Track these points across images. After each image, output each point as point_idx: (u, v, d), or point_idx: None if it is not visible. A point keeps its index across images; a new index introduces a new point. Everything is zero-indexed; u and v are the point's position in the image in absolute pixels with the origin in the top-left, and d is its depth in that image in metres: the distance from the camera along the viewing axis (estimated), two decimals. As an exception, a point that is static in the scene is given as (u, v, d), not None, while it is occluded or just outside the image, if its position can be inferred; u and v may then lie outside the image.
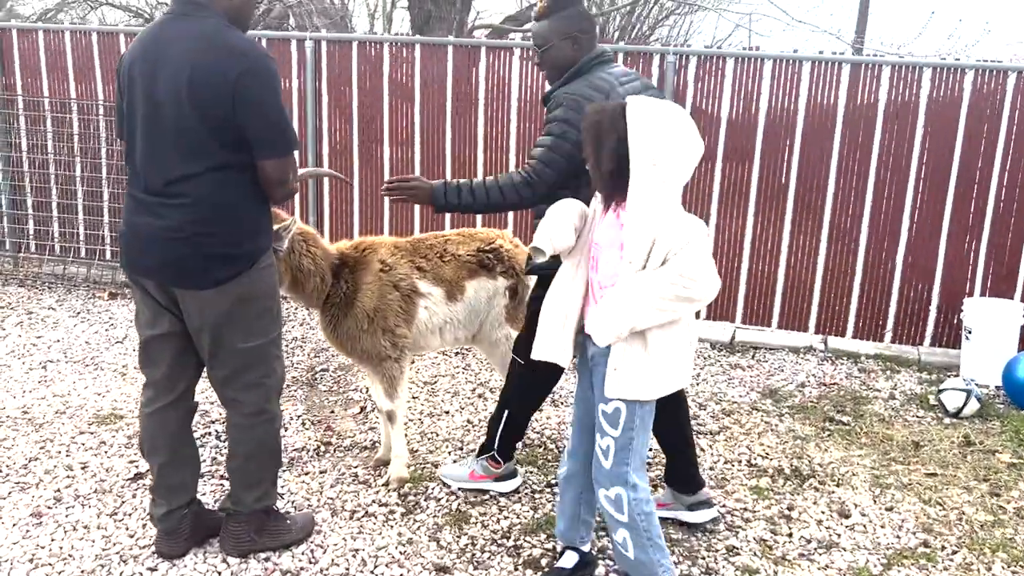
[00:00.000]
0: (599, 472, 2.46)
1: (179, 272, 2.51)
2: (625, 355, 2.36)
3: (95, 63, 6.14)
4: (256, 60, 2.43)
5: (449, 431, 3.88)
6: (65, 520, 2.97)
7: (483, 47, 5.69)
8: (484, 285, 3.42)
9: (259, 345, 2.64)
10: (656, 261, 2.31)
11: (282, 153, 2.49)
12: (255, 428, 2.72)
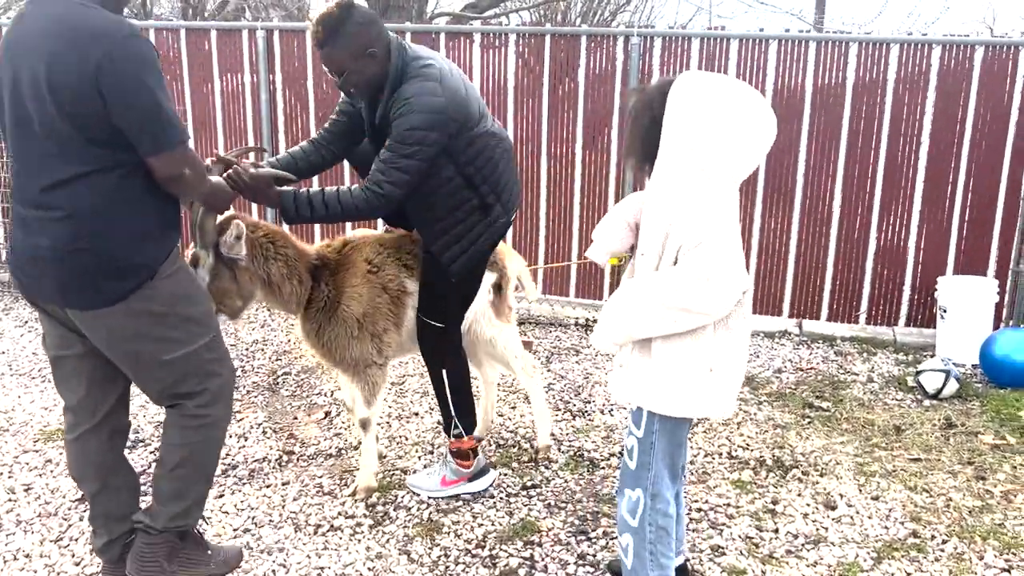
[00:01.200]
0: (624, 472, 2.30)
1: (67, 292, 2.21)
2: (631, 356, 2.20)
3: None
4: (122, 42, 2.06)
5: (419, 434, 3.72)
6: (4, 549, 2.76)
7: (442, 33, 5.51)
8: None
9: (186, 354, 2.36)
10: (669, 257, 2.07)
11: (167, 147, 2.15)
12: (189, 432, 2.43)
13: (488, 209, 2.89)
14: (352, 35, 2.61)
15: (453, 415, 3.12)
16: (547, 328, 5.31)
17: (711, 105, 2.02)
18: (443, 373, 3.08)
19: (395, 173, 2.63)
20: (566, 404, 4.07)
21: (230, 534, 2.89)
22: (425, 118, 2.60)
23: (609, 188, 5.41)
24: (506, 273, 3.33)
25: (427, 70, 2.67)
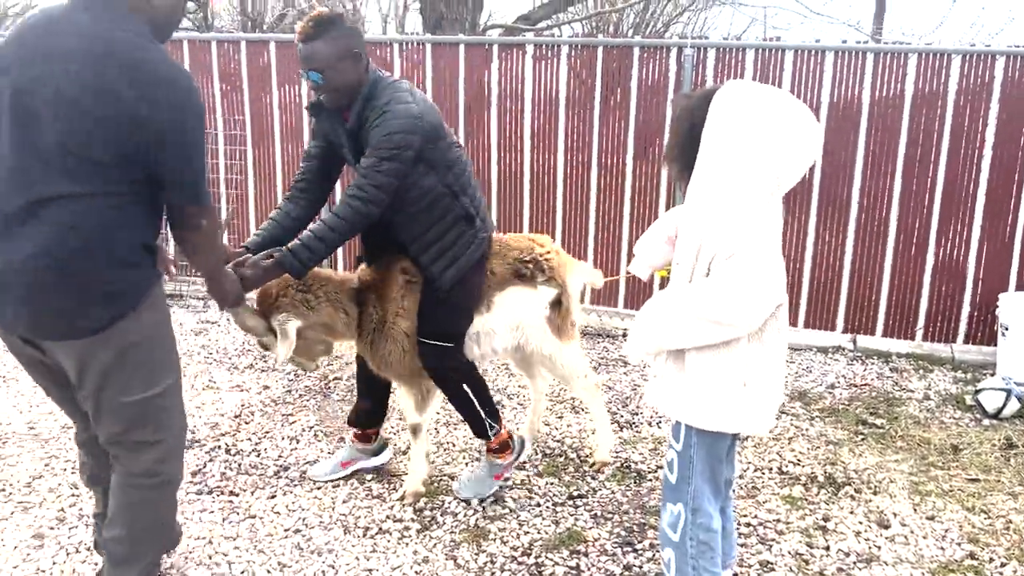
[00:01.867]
0: (665, 485, 2.28)
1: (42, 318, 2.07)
2: (665, 367, 2.20)
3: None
4: (185, 93, 2.02)
5: (466, 441, 3.75)
6: (67, 541, 2.86)
7: (495, 45, 5.56)
8: (519, 295, 3.18)
9: (146, 399, 2.21)
10: (702, 268, 2.06)
11: (200, 202, 2.13)
12: (139, 492, 2.30)
13: (471, 220, 2.93)
14: (340, 35, 2.66)
15: (485, 419, 3.12)
16: (594, 339, 5.30)
17: (752, 115, 2.00)
18: (465, 389, 3.07)
19: (378, 177, 2.66)
20: (613, 415, 4.06)
21: (281, 534, 2.95)
22: (402, 123, 2.66)
23: (660, 200, 5.39)
24: (566, 288, 3.26)
25: (397, 84, 2.78)
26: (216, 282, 2.49)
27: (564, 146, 5.47)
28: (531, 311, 3.20)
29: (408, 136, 2.66)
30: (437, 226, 2.88)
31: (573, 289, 3.31)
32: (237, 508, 3.11)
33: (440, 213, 2.87)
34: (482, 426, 3.14)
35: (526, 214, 5.61)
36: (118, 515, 2.33)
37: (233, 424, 3.86)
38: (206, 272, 2.42)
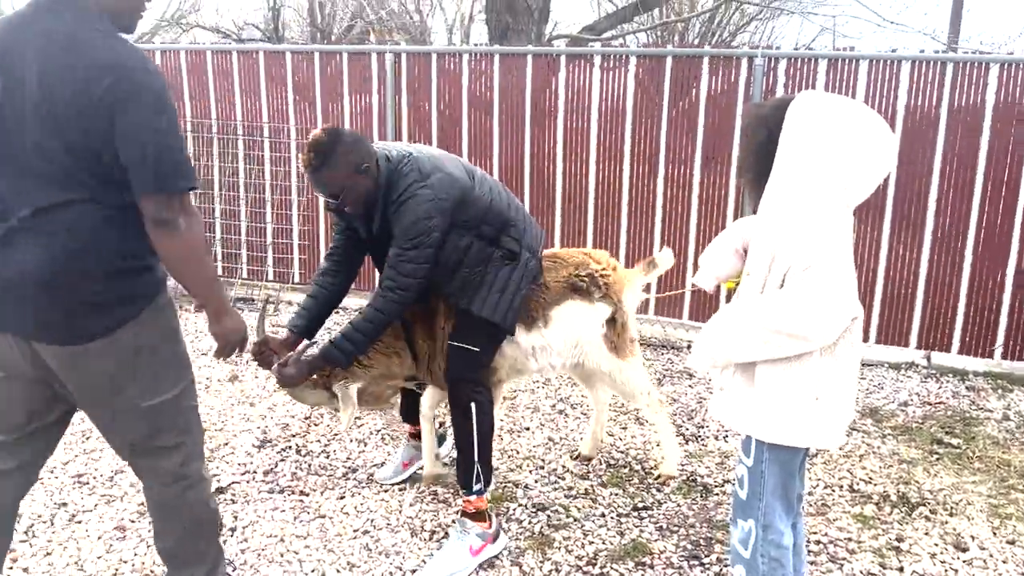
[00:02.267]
0: (736, 501, 2.25)
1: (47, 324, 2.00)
2: (732, 381, 2.18)
3: (183, 81, 6.29)
4: (132, 73, 1.91)
5: (530, 448, 3.76)
6: (147, 535, 2.96)
7: (563, 56, 5.59)
8: (576, 310, 3.19)
9: (168, 400, 2.16)
10: (775, 280, 2.03)
11: (157, 188, 1.95)
12: (179, 499, 2.26)
13: (515, 255, 2.94)
14: (344, 154, 2.69)
15: (476, 461, 2.91)
16: (659, 350, 5.27)
17: (829, 126, 1.97)
18: (472, 408, 2.91)
19: (407, 267, 2.73)
20: (678, 428, 4.03)
21: (350, 534, 3.01)
22: (421, 210, 2.70)
23: (727, 212, 5.33)
24: (622, 306, 3.26)
25: (406, 168, 2.77)
26: (216, 315, 2.19)
27: (630, 156, 5.46)
28: (589, 326, 3.21)
29: (428, 222, 2.71)
30: (484, 274, 2.90)
31: (629, 306, 3.29)
32: (308, 508, 3.18)
33: (481, 262, 2.90)
34: (469, 474, 2.92)
35: (591, 224, 5.61)
36: (165, 526, 2.30)
37: (303, 426, 3.95)
38: (199, 297, 2.15)
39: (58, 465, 3.45)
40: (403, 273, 2.74)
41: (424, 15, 15.29)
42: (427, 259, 2.74)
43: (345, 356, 2.82)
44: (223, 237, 6.36)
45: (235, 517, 3.09)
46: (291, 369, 2.87)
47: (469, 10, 16.43)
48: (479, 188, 2.90)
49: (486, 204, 2.90)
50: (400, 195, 2.73)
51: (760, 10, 13.62)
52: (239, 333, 2.24)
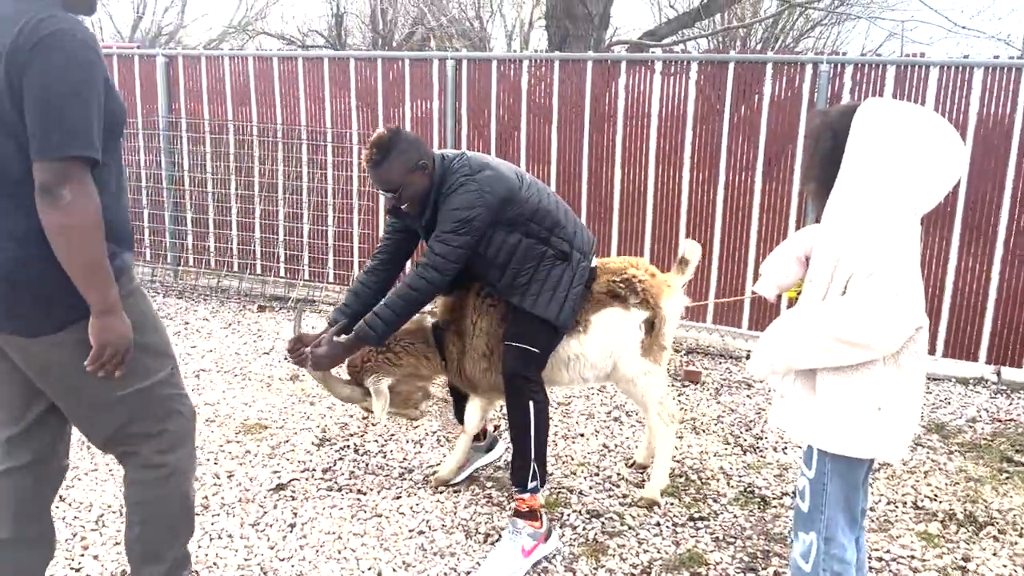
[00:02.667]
0: (797, 514, 2.20)
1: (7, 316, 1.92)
2: (793, 389, 2.15)
3: (251, 87, 6.46)
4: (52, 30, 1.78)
5: (584, 455, 3.76)
6: (211, 527, 3.05)
7: (623, 62, 5.58)
8: (614, 317, 3.20)
9: (143, 389, 2.06)
10: (838, 286, 2.00)
11: (39, 151, 1.77)
12: (150, 486, 2.16)
13: (566, 256, 3.00)
14: (403, 151, 2.84)
15: (532, 459, 2.93)
16: (717, 359, 5.21)
17: (897, 132, 1.94)
18: (531, 407, 2.94)
19: (443, 247, 2.83)
20: (736, 439, 3.98)
21: (406, 534, 3.04)
22: (463, 199, 2.82)
23: (789, 220, 5.25)
24: (660, 312, 3.24)
25: (457, 165, 2.90)
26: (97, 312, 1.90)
27: (691, 163, 5.42)
28: (625, 333, 3.21)
29: (469, 211, 2.81)
30: (535, 273, 2.97)
31: (669, 312, 3.27)
32: (365, 506, 3.23)
33: (533, 261, 2.97)
34: (524, 472, 2.95)
35: (648, 231, 5.58)
36: (132, 513, 2.20)
37: (361, 425, 4.01)
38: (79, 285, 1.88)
39: (127, 457, 3.56)
40: (438, 253, 2.83)
41: (484, 21, 15.41)
42: (463, 246, 2.83)
43: (377, 334, 2.88)
44: (286, 239, 6.50)
45: (295, 513, 3.16)
46: (323, 349, 2.92)
47: (529, 17, 16.50)
48: (527, 190, 2.98)
49: (534, 204, 2.97)
50: (449, 186, 2.86)
51: (825, 15, 13.37)
52: (124, 339, 1.95)
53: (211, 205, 6.65)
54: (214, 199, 6.64)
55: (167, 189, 6.71)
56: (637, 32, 12.39)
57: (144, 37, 19.16)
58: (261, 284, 6.55)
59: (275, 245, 6.54)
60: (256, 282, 6.57)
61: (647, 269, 3.33)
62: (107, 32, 19.72)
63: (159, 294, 6.43)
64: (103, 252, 1.87)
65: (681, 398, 4.52)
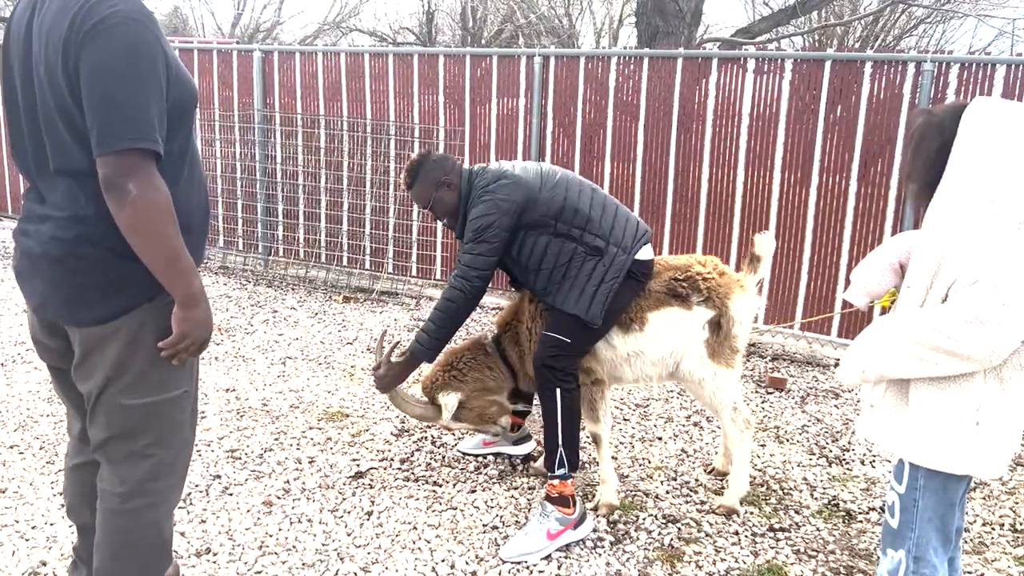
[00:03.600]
0: (886, 530, 2.12)
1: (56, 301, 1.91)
2: (884, 399, 2.06)
3: (342, 83, 6.60)
4: (106, 13, 1.71)
5: (662, 459, 3.70)
6: (292, 511, 3.13)
7: (715, 59, 5.46)
8: (673, 316, 3.15)
9: (149, 404, 1.96)
10: (938, 294, 1.91)
11: (100, 145, 1.71)
12: (124, 517, 2.01)
13: (600, 251, 3.02)
14: (428, 171, 3.14)
15: (560, 445, 3.00)
16: (804, 367, 5.05)
17: (1009, 133, 1.83)
18: (556, 393, 3.01)
19: (466, 257, 3.02)
20: (821, 449, 3.85)
21: (480, 528, 3.06)
22: (482, 208, 2.99)
23: (885, 225, 5.04)
24: (727, 312, 3.15)
25: (479, 180, 3.09)
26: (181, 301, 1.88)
27: (783, 163, 5.27)
28: (685, 333, 3.15)
29: (488, 218, 2.97)
30: (564, 270, 3.02)
31: (737, 313, 3.17)
32: (440, 498, 3.26)
33: (563, 259, 3.03)
34: (553, 457, 3.03)
35: (735, 234, 5.45)
36: (102, 542, 2.06)
37: (438, 418, 4.05)
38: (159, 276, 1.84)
39: (214, 440, 3.69)
40: (466, 264, 3.01)
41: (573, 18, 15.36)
42: (488, 253, 2.99)
43: (426, 348, 3.06)
44: (371, 232, 6.62)
45: (372, 502, 3.21)
46: (382, 371, 3.16)
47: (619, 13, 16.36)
48: (550, 190, 3.05)
49: (559, 204, 3.03)
50: (472, 200, 3.07)
51: (930, 13, 12.80)
52: (205, 328, 1.94)
53: (301, 198, 6.83)
54: (304, 192, 6.82)
55: (260, 181, 6.92)
56: (730, 30, 12.13)
57: (243, 33, 19.84)
58: (347, 276, 6.69)
59: (361, 238, 6.67)
60: (342, 273, 6.72)
61: (715, 267, 3.24)
62: (208, 28, 20.50)
63: (249, 282, 6.64)
64: (179, 243, 1.82)
65: (765, 406, 4.40)
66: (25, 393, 4.12)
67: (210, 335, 1.98)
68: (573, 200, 3.04)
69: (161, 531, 2.09)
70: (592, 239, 3.03)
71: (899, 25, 14.86)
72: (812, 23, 13.39)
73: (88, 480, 2.17)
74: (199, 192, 2.03)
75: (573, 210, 3.03)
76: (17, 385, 4.22)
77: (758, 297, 3.31)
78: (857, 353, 2.05)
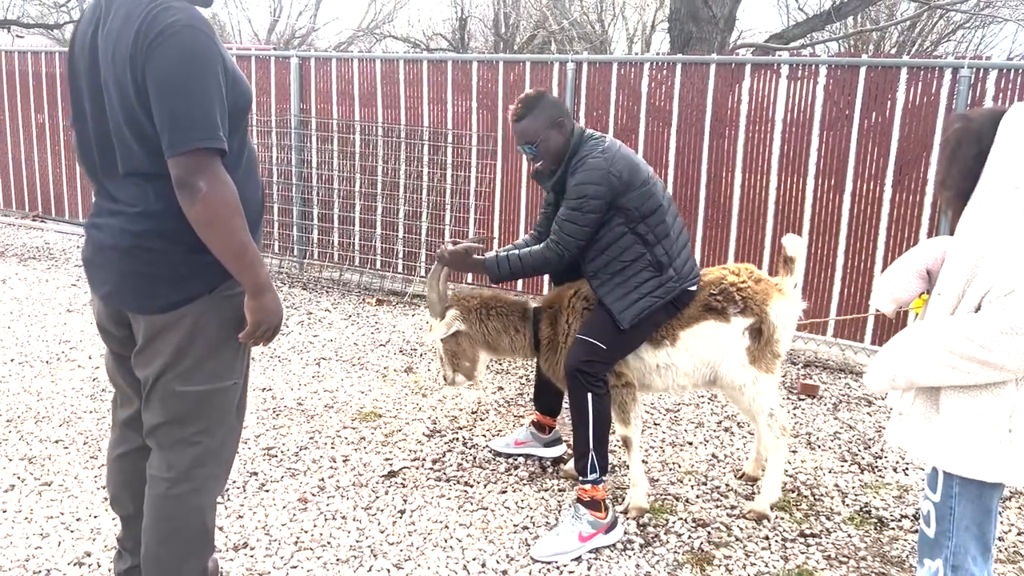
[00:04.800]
0: (922, 540, 2.10)
1: (124, 291, 2.04)
2: (913, 407, 2.06)
3: (377, 89, 6.69)
4: (165, 21, 1.84)
5: (692, 463, 3.71)
6: (326, 508, 3.19)
7: (748, 64, 5.46)
8: (708, 330, 3.16)
9: (202, 392, 2.07)
10: (971, 302, 1.90)
11: (171, 146, 1.84)
12: (171, 502, 2.11)
13: (661, 267, 3.05)
14: (545, 108, 3.09)
15: (591, 448, 3.01)
16: (836, 374, 5.02)
17: None
18: (588, 398, 3.01)
19: (568, 225, 2.99)
20: (853, 456, 3.83)
21: (510, 528, 3.09)
22: (590, 175, 2.96)
23: (920, 232, 5.00)
24: (767, 318, 3.15)
25: (597, 142, 3.08)
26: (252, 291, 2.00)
27: (816, 170, 5.25)
28: (723, 346, 3.16)
29: (595, 187, 2.95)
30: (622, 267, 3.05)
31: (776, 318, 3.17)
32: (471, 498, 3.30)
33: (628, 257, 3.05)
34: (584, 461, 3.04)
35: (769, 240, 5.44)
36: (149, 528, 2.15)
37: (470, 419, 4.10)
38: (231, 269, 1.96)
39: (251, 437, 3.77)
40: (565, 231, 3.01)
41: (605, 25, 15.37)
42: (588, 223, 2.99)
43: (499, 271, 3.12)
44: (404, 236, 6.70)
45: (404, 500, 3.26)
46: (458, 247, 3.22)
47: (651, 19, 16.35)
48: (651, 187, 3.06)
49: (652, 206, 3.05)
50: (581, 158, 3.03)
51: (968, 18, 12.62)
52: (275, 315, 2.06)
53: (336, 201, 6.93)
54: (339, 196, 6.91)
55: (296, 185, 7.03)
56: (764, 35, 12.07)
57: (279, 39, 20.12)
58: (380, 279, 6.77)
59: (394, 242, 6.75)
60: (375, 276, 6.81)
61: (751, 274, 3.25)
62: (245, 34, 20.83)
63: (285, 284, 6.75)
64: (247, 236, 1.94)
65: (796, 412, 4.39)
66: (69, 390, 4.24)
67: (280, 321, 2.09)
68: (664, 211, 3.08)
69: (204, 518, 2.18)
70: (661, 254, 3.06)
71: (936, 30, 14.68)
72: (847, 28, 13.27)
73: (130, 469, 2.27)
74: (255, 190, 2.14)
75: (660, 220, 3.06)
76: (62, 382, 4.34)
77: (800, 301, 3.30)
78: (887, 360, 2.05)
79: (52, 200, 8.79)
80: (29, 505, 3.10)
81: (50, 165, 8.68)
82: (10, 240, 7.97)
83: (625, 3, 16.14)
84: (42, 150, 8.68)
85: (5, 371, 4.46)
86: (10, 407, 3.98)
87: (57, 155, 8.56)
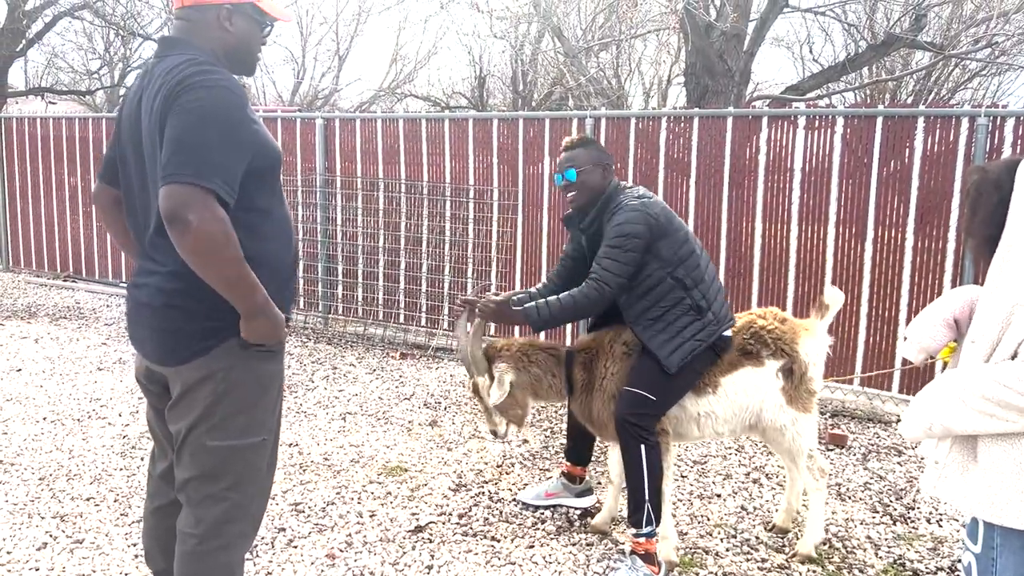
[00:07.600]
0: None
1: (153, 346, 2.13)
2: (949, 456, 2.04)
3: (400, 147, 6.84)
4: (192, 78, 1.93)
5: (721, 516, 3.67)
6: (354, 564, 3.18)
7: (765, 116, 5.54)
8: (747, 376, 3.19)
9: (232, 447, 2.11)
10: (1007, 349, 1.87)
11: (163, 177, 1.87)
12: (199, 558, 2.13)
13: (701, 311, 3.11)
14: (598, 149, 3.29)
15: (646, 500, 3.02)
16: (864, 423, 4.97)
17: None
18: (641, 450, 3.01)
19: (609, 263, 3.04)
20: (885, 507, 3.77)
21: (539, 584, 3.07)
22: (630, 216, 3.05)
23: (944, 278, 4.99)
24: (797, 357, 3.19)
25: (633, 190, 3.20)
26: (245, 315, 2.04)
27: (836, 218, 5.27)
28: (761, 389, 3.19)
29: (636, 227, 3.03)
30: (663, 312, 3.09)
31: (806, 356, 3.20)
32: (499, 553, 3.28)
33: (668, 302, 3.10)
34: (640, 514, 3.06)
35: (791, 289, 5.44)
36: None
37: (495, 473, 4.09)
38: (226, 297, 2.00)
39: (279, 493, 3.78)
40: (606, 268, 3.05)
41: (622, 80, 15.63)
42: (629, 262, 3.03)
43: (539, 318, 3.10)
44: (428, 290, 6.76)
45: (432, 556, 3.25)
46: (497, 299, 3.24)
47: (667, 74, 16.59)
48: (684, 235, 3.15)
49: (686, 252, 3.11)
50: (617, 205, 3.14)
51: (984, 66, 12.71)
52: (268, 337, 2.09)
53: (360, 257, 7.03)
54: (363, 251, 7.02)
55: (321, 242, 7.15)
56: (779, 87, 12.21)
57: (303, 100, 20.60)
58: (403, 333, 6.82)
59: (418, 296, 6.82)
60: (399, 330, 6.86)
61: (775, 316, 3.31)
62: (270, 96, 21.35)
63: (310, 339, 6.82)
64: (239, 266, 1.95)
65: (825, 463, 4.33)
66: (99, 447, 4.28)
67: (278, 341, 2.14)
68: (698, 257, 3.16)
69: (233, 575, 2.20)
70: (699, 297, 3.11)
71: (952, 78, 14.77)
72: (863, 79, 13.40)
73: (165, 524, 2.31)
74: (286, 249, 2.20)
75: (696, 265, 3.14)
76: (92, 440, 4.39)
77: (828, 337, 3.34)
78: (922, 408, 2.04)
79: (83, 261, 8.98)
80: (61, 563, 3.12)
81: (81, 227, 8.90)
82: (42, 300, 8.13)
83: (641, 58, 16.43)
84: (74, 212, 8.90)
85: (37, 429, 4.52)
86: (42, 465, 4.03)
87: (88, 217, 8.77)
